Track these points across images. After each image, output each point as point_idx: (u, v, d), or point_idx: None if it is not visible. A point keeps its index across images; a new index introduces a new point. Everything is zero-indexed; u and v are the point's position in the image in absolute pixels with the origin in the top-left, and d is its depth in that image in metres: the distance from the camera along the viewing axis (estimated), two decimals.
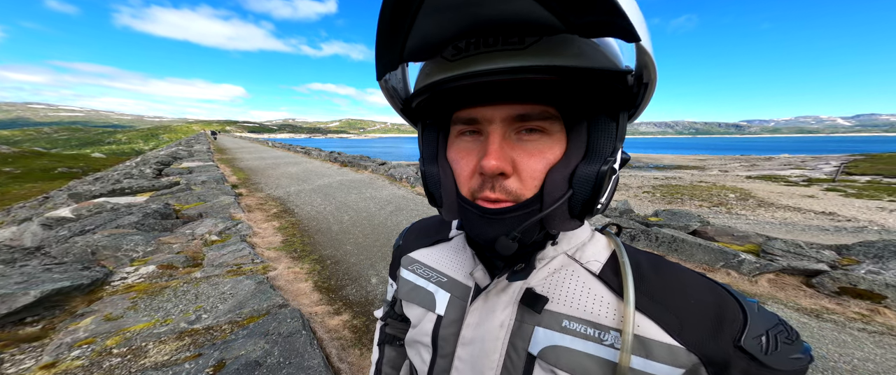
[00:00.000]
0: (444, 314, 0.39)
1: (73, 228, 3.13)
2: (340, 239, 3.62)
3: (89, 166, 21.10)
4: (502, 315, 0.34)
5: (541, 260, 0.35)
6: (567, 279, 0.34)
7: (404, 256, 0.48)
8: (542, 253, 0.35)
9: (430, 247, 0.46)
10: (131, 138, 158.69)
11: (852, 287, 2.33)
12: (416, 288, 0.44)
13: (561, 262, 0.36)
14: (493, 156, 0.28)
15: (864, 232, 6.42)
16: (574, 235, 0.36)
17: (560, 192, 0.29)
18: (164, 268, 2.44)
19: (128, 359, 1.49)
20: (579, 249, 0.36)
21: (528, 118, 0.28)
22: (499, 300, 0.35)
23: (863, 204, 9.18)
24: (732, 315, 0.30)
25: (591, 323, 0.32)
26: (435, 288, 0.41)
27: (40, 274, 2.03)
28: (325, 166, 10.27)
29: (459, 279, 0.40)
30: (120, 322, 1.77)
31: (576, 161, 0.29)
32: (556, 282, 0.35)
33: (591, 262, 0.35)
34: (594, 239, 0.37)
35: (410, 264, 0.46)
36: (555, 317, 0.33)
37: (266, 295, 2.12)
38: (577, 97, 0.28)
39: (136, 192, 5.30)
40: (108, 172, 11.57)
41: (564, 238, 0.36)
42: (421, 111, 0.35)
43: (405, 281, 0.46)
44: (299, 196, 5.81)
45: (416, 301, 0.43)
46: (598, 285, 0.33)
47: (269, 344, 1.62)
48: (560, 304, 0.33)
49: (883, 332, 1.96)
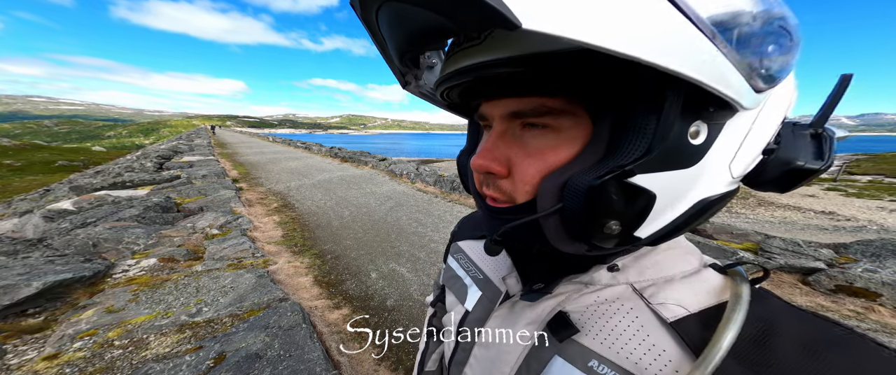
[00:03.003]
0: (471, 310, 0.38)
1: (75, 221, 3.15)
2: (340, 234, 3.63)
3: (90, 159, 21.11)
4: (522, 332, 0.31)
5: (586, 284, 0.30)
6: (617, 314, 0.27)
7: (454, 243, 0.49)
8: (588, 276, 0.30)
9: (476, 240, 0.45)
10: (132, 132, 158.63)
11: (848, 285, 2.34)
12: (455, 278, 0.44)
13: (617, 293, 0.28)
14: (480, 155, 0.27)
15: (863, 231, 6.42)
16: (654, 265, 0.29)
17: (549, 203, 0.24)
18: (165, 261, 2.46)
19: (129, 351, 1.51)
20: (657, 286, 0.28)
21: (522, 114, 0.25)
22: (524, 314, 0.32)
23: (863, 203, 9.18)
24: None
25: (628, 374, 0.25)
26: (470, 283, 0.41)
27: (42, 265, 2.04)
28: (326, 161, 10.26)
29: (493, 280, 0.38)
30: (121, 315, 1.78)
31: (580, 166, 0.23)
32: (599, 315, 0.28)
33: (667, 305, 0.26)
34: (695, 279, 0.28)
35: (457, 252, 0.47)
36: (582, 352, 0.27)
37: (266, 288, 2.13)
38: (581, 85, 0.22)
39: (137, 186, 5.31)
40: (109, 166, 11.58)
41: (635, 265, 0.29)
42: (460, 105, 0.34)
43: (448, 268, 0.47)
44: (300, 191, 5.81)
45: (453, 290, 0.43)
46: (662, 334, 0.25)
47: (270, 337, 1.63)
48: (595, 340, 0.27)
49: (877, 330, 1.97)
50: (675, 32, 0.17)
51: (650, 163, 0.21)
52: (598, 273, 0.30)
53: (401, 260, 2.98)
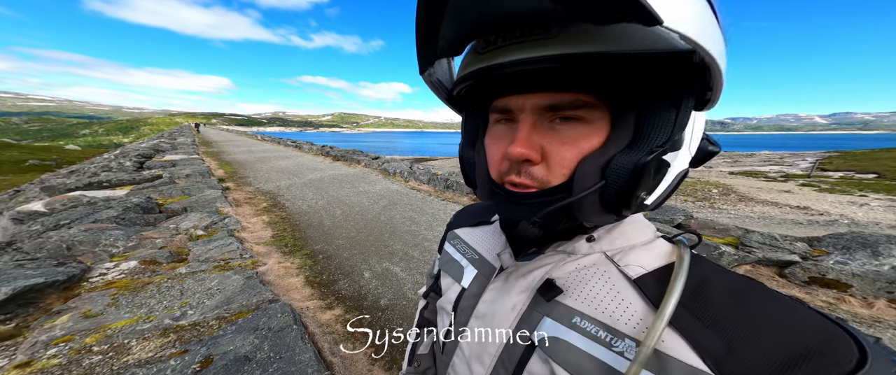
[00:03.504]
0: (467, 287, 0.42)
1: (47, 223, 2.98)
2: (332, 233, 3.57)
3: (63, 158, 20.06)
4: (516, 299, 0.35)
5: (569, 253, 0.35)
6: (594, 277, 0.33)
7: (451, 232, 0.53)
8: (571, 245, 0.35)
9: (472, 227, 0.49)
10: (109, 130, 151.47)
11: (821, 276, 2.46)
12: (451, 261, 0.48)
13: (594, 261, 0.34)
14: (519, 144, 0.29)
15: (835, 225, 6.78)
16: (621, 235, 0.34)
17: (590, 182, 0.27)
18: (146, 264, 2.36)
19: (109, 357, 1.44)
20: (622, 252, 0.33)
21: (559, 107, 0.28)
22: (516, 284, 0.36)
23: (835, 198, 9.67)
24: (830, 359, 0.22)
25: (605, 326, 0.30)
26: (466, 263, 0.45)
27: (12, 270, 1.93)
28: (317, 160, 10.08)
29: (488, 258, 0.43)
30: (100, 320, 1.70)
31: (615, 150, 0.27)
32: (580, 278, 0.33)
33: (631, 266, 0.32)
34: (650, 246, 0.34)
35: (453, 239, 0.51)
36: (566, 311, 0.32)
37: (255, 289, 2.08)
38: (617, 83, 0.26)
39: (116, 186, 5.08)
40: (85, 165, 11.03)
41: (607, 237, 0.34)
42: (462, 100, 0.37)
43: (445, 253, 0.51)
44: (290, 190, 5.69)
45: (450, 272, 0.47)
46: (629, 291, 0.30)
47: (259, 339, 1.59)
48: (577, 300, 0.32)
49: (848, 318, 2.08)
50: (718, 37, 0.24)
51: (673, 142, 0.28)
52: (578, 243, 0.34)
53: (394, 259, 2.96)
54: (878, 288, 2.27)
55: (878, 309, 2.17)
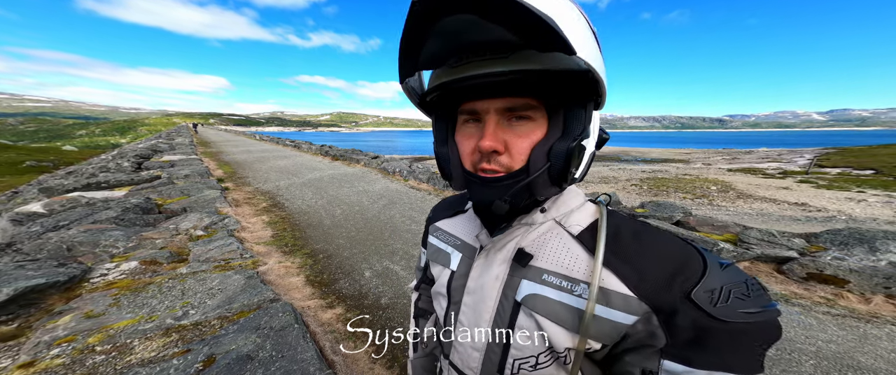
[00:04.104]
0: (456, 269, 0.49)
1: (46, 224, 2.98)
2: (333, 233, 3.58)
3: (61, 159, 19.95)
4: (498, 270, 0.43)
5: (530, 224, 0.43)
6: (551, 240, 0.42)
7: (431, 225, 0.59)
8: (530, 218, 0.43)
9: (450, 218, 0.56)
10: (106, 130, 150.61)
11: (819, 272, 2.48)
12: (437, 251, 0.54)
13: (548, 227, 0.43)
14: (488, 139, 0.36)
15: (833, 221, 6.81)
16: (563, 204, 0.44)
17: (540, 164, 0.36)
18: (147, 264, 2.36)
19: (112, 357, 1.45)
20: (566, 216, 0.43)
21: (515, 109, 0.36)
22: (495, 257, 0.44)
23: (832, 194, 9.72)
24: (691, 271, 0.35)
25: (566, 277, 0.39)
26: (451, 250, 0.52)
27: (12, 271, 1.93)
28: (316, 160, 10.06)
29: (468, 241, 0.50)
30: (102, 320, 1.71)
31: (553, 140, 0.36)
32: (542, 243, 0.42)
33: (573, 226, 0.42)
34: (582, 208, 0.44)
35: (435, 231, 0.57)
36: (537, 272, 0.41)
37: (256, 289, 2.08)
38: (552, 91, 0.36)
39: (114, 187, 5.06)
40: (82, 166, 10.98)
41: (553, 206, 0.43)
42: (434, 105, 0.44)
43: (431, 246, 0.56)
44: (289, 190, 5.68)
45: (438, 261, 0.53)
46: (575, 245, 0.41)
47: (261, 338, 1.60)
48: (543, 261, 0.41)
49: (845, 315, 2.10)
50: (601, 62, 0.35)
51: (586, 132, 0.38)
52: (535, 215, 0.43)
53: (395, 258, 2.97)
54: (876, 283, 2.29)
55: (875, 305, 2.18)
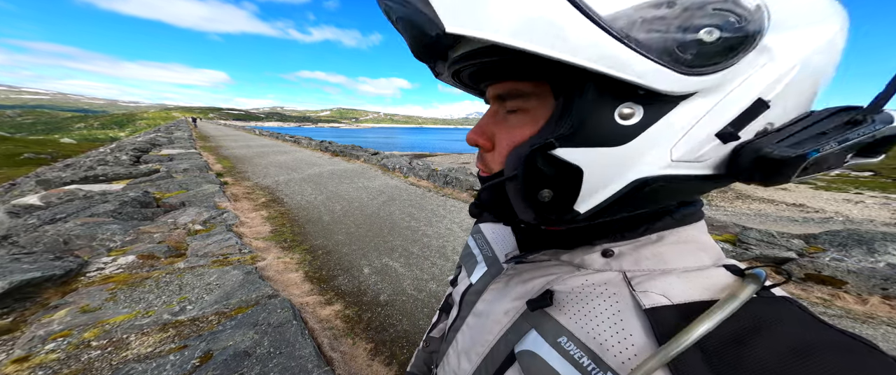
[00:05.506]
0: (474, 283, 0.43)
1: (43, 216, 2.95)
2: (332, 229, 3.57)
3: (59, 152, 19.84)
4: (510, 305, 0.34)
5: (581, 267, 0.30)
6: (599, 298, 0.27)
7: (476, 225, 0.54)
8: (581, 257, 0.31)
9: (494, 223, 0.49)
10: (104, 124, 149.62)
11: (817, 273, 2.49)
12: (470, 255, 0.49)
13: (607, 279, 0.28)
14: (472, 131, 0.31)
15: (831, 222, 6.84)
16: (654, 256, 0.27)
17: (510, 173, 0.26)
18: (144, 258, 2.35)
19: (108, 352, 1.44)
20: (648, 275, 0.26)
21: (502, 97, 0.29)
22: (515, 289, 0.34)
23: (830, 196, 9.76)
24: None
25: (591, 353, 0.25)
26: (480, 259, 0.45)
27: (8, 264, 1.91)
28: (316, 155, 10.02)
29: (499, 257, 0.42)
30: (98, 314, 1.69)
31: (538, 140, 0.25)
32: (583, 296, 0.28)
33: (649, 293, 0.25)
34: (696, 274, 0.26)
35: (476, 233, 0.51)
36: (555, 328, 0.28)
37: (255, 285, 2.07)
38: (550, 71, 0.24)
39: (112, 180, 5.03)
40: (80, 158, 10.91)
41: (632, 255, 0.28)
42: (471, 89, 0.39)
43: (467, 246, 0.52)
44: (289, 185, 5.66)
45: (466, 265, 0.48)
46: (634, 320, 0.24)
47: (259, 335, 1.59)
48: (570, 319, 0.27)
49: (841, 316, 2.11)
50: (562, 24, 0.19)
51: (572, 139, 0.23)
52: (590, 256, 0.30)
53: (394, 254, 2.96)
54: (873, 284, 2.29)
55: (871, 306, 2.19)
